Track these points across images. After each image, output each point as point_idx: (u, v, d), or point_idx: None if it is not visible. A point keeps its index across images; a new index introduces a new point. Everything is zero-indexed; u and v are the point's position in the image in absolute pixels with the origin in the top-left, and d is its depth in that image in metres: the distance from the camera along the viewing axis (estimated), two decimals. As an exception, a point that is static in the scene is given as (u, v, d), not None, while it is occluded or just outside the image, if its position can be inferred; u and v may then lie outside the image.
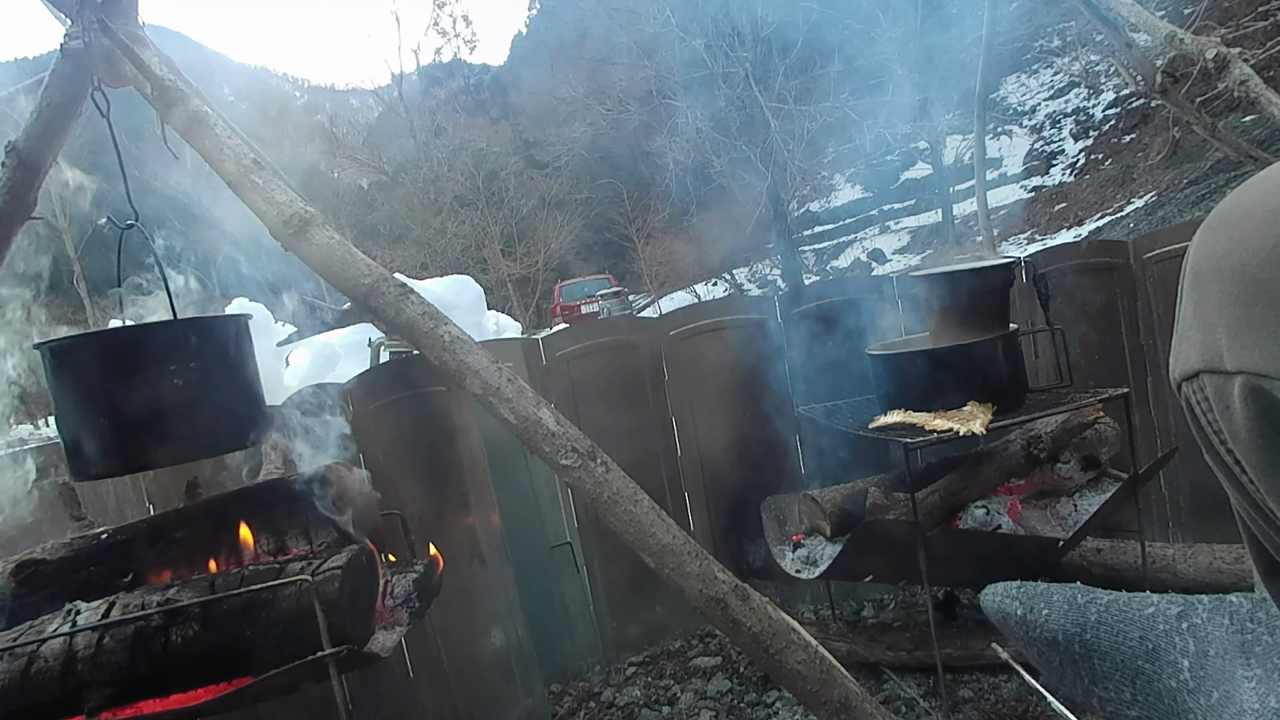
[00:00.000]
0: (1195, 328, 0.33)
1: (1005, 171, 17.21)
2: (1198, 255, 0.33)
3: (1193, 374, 0.33)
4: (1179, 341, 0.34)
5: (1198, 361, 0.32)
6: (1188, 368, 0.33)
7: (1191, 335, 0.33)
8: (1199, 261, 0.33)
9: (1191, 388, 0.33)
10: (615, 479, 1.76)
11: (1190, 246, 0.34)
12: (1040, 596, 0.64)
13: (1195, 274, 0.33)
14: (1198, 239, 0.33)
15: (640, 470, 2.73)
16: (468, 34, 29.53)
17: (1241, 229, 0.31)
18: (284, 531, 1.87)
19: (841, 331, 3.02)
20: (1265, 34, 7.48)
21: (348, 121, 29.20)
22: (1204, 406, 0.33)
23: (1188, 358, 0.33)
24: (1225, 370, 0.31)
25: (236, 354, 1.70)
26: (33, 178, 2.14)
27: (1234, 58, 2.51)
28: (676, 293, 19.96)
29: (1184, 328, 0.34)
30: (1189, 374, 0.33)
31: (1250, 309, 0.29)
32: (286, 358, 4.90)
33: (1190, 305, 0.33)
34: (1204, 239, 0.33)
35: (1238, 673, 0.43)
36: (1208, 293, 0.32)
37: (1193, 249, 0.34)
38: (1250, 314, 0.29)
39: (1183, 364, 0.34)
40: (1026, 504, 2.65)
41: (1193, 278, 0.33)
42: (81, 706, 1.47)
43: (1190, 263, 0.34)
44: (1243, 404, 0.30)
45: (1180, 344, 0.34)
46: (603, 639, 3.09)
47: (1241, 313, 0.30)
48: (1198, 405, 0.33)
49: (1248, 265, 0.30)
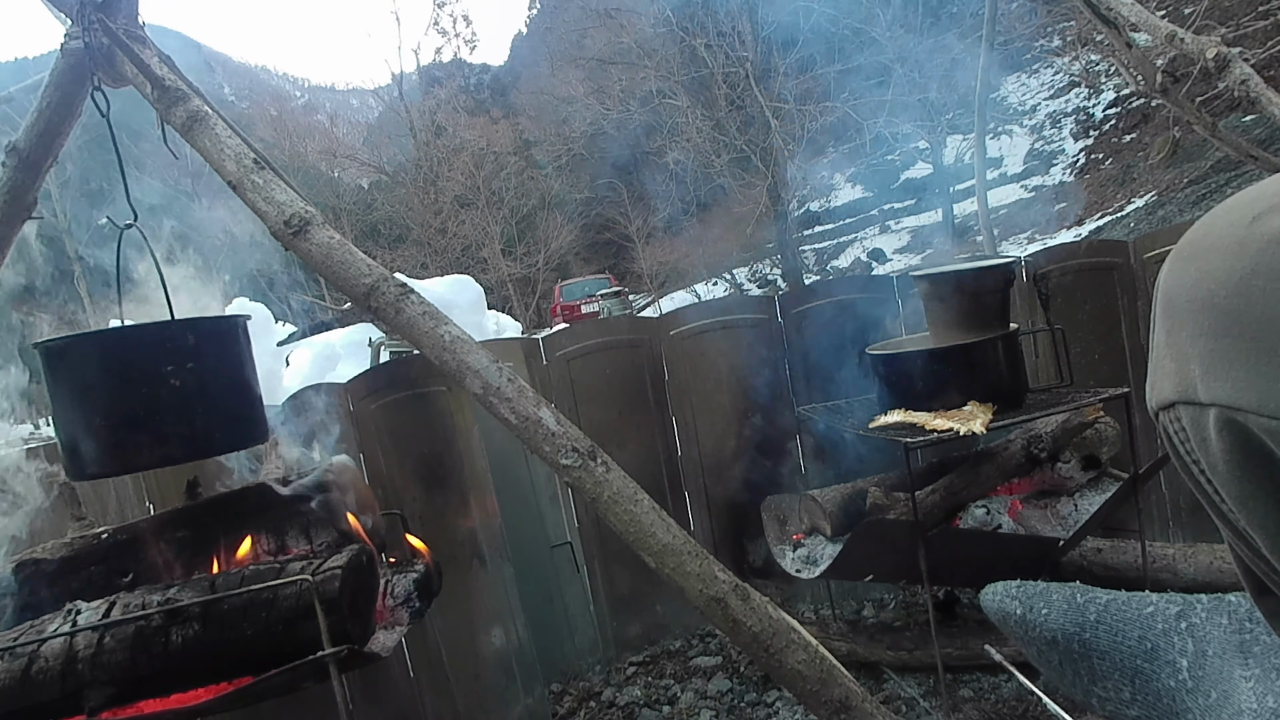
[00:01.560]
0: (1169, 357, 0.33)
1: (1005, 171, 17.21)
2: (1168, 285, 0.33)
3: (1169, 404, 0.33)
4: (1154, 370, 0.34)
5: (1172, 392, 0.32)
6: (1163, 398, 0.33)
7: (1166, 365, 0.33)
8: (1169, 291, 0.33)
9: (1168, 417, 0.33)
10: (615, 479, 1.76)
11: (1160, 275, 0.34)
12: (1040, 596, 0.64)
13: (1166, 303, 0.33)
14: (1167, 268, 0.33)
15: (640, 470, 2.74)
16: (468, 34, 29.58)
17: (1208, 259, 0.30)
18: (284, 531, 1.87)
19: (841, 331, 3.02)
20: (1265, 34, 7.48)
21: (348, 121, 29.23)
22: (1181, 436, 0.33)
23: (1163, 388, 0.33)
24: (1200, 402, 0.30)
25: (235, 354, 1.70)
26: (33, 178, 2.14)
27: (1234, 57, 2.51)
28: (676, 293, 19.96)
29: (1158, 356, 0.34)
30: (1165, 404, 0.33)
31: (1221, 340, 0.29)
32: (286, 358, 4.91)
33: (1163, 334, 0.33)
34: (1173, 268, 0.33)
35: (1236, 672, 0.43)
36: (1179, 323, 0.32)
37: (1162, 278, 0.33)
38: (1221, 346, 0.29)
39: (1158, 394, 0.34)
40: (1027, 504, 2.65)
41: (1164, 307, 0.33)
42: (82, 706, 1.47)
43: (1160, 292, 0.34)
44: (1218, 436, 0.30)
45: (1155, 373, 0.34)
46: (603, 638, 3.09)
47: (1213, 344, 0.30)
48: (1175, 435, 0.33)
49: (1216, 296, 0.29)
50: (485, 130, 23.00)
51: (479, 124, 23.45)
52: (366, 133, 29.21)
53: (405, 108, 24.69)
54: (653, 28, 16.04)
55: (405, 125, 24.67)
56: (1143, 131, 14.45)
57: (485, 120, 23.83)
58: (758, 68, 14.62)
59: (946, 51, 12.56)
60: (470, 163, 21.17)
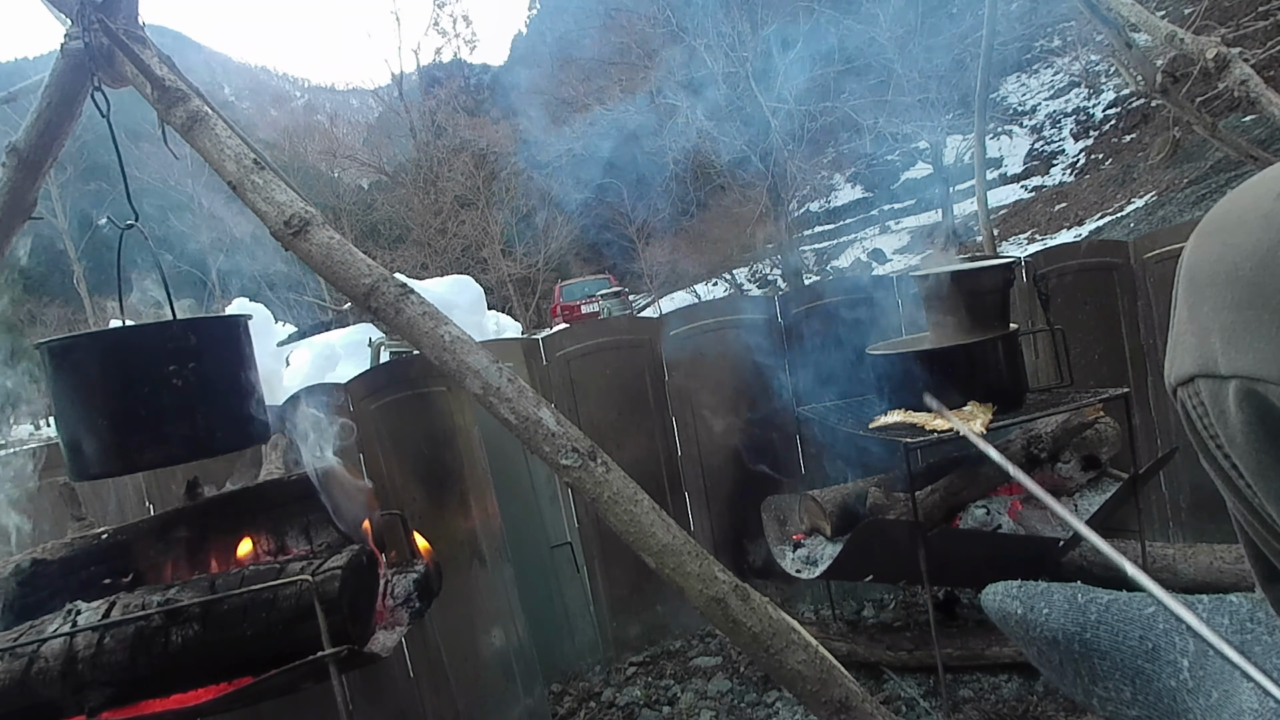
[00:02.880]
0: (1190, 333, 0.32)
1: (1005, 171, 17.22)
2: (1192, 260, 0.33)
3: (1188, 379, 0.33)
4: (1174, 347, 0.34)
5: (1193, 366, 0.32)
6: (1183, 372, 0.33)
7: (1186, 340, 0.33)
8: (1193, 266, 0.33)
9: (1187, 392, 0.33)
10: (615, 479, 1.76)
11: (1184, 251, 0.34)
12: (1040, 596, 0.64)
13: (1190, 279, 0.33)
14: (1191, 244, 0.33)
15: (640, 470, 2.74)
16: (468, 34, 29.65)
17: (1234, 234, 0.30)
18: (284, 531, 1.87)
19: (842, 331, 3.02)
20: (1265, 34, 7.48)
21: (348, 121, 29.22)
22: (1199, 411, 0.32)
23: (1183, 363, 0.33)
24: (1220, 375, 0.30)
25: (236, 354, 1.70)
26: (33, 178, 2.14)
27: (1234, 57, 2.51)
28: (676, 293, 19.94)
29: (1179, 333, 0.34)
30: (1184, 379, 0.33)
31: (1244, 313, 0.29)
32: (286, 358, 4.91)
33: (1185, 310, 0.33)
34: (1198, 244, 0.33)
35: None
36: (1202, 297, 0.32)
37: (1187, 254, 0.33)
38: (1244, 318, 0.29)
39: (1178, 369, 0.34)
40: (1027, 504, 2.65)
41: (1187, 283, 0.33)
42: (82, 706, 1.47)
43: (1184, 268, 0.33)
44: (1238, 408, 0.30)
45: (1175, 349, 0.34)
46: (603, 639, 3.09)
47: (1235, 317, 0.30)
48: (1194, 410, 0.33)
49: (1241, 269, 0.29)
50: (485, 130, 22.99)
51: (479, 124, 23.44)
52: (366, 133, 29.20)
53: (405, 108, 24.68)
54: (653, 28, 16.04)
55: (405, 125, 24.67)
56: (1143, 131, 14.46)
57: (485, 120, 23.82)
58: (758, 68, 14.61)
59: (947, 51, 12.56)
60: (470, 163, 21.16)
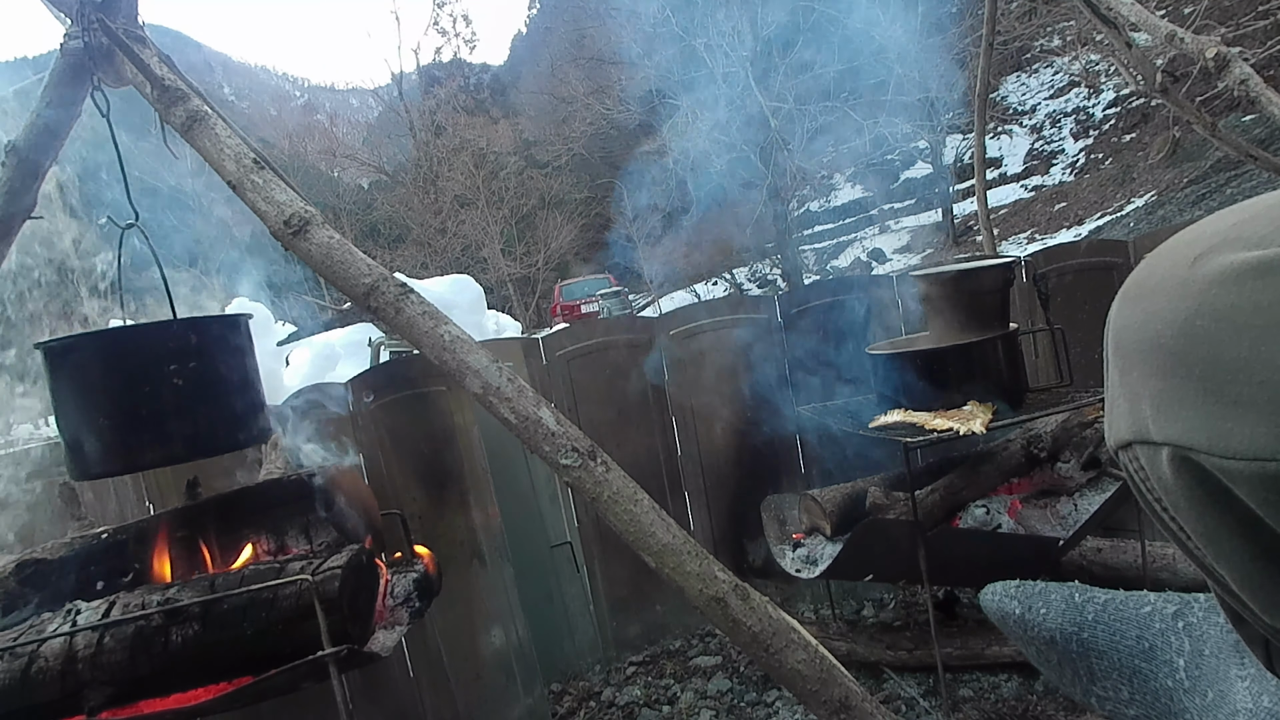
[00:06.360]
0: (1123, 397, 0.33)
1: (1005, 171, 17.21)
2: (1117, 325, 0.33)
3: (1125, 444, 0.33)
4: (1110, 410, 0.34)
5: (1128, 432, 0.32)
6: (1120, 438, 0.33)
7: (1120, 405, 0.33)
8: (1119, 332, 0.33)
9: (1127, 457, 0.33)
10: (615, 478, 1.76)
11: (1110, 314, 0.34)
12: (1039, 595, 0.64)
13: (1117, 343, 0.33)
14: (1115, 308, 0.34)
15: (640, 470, 2.74)
16: (468, 33, 29.58)
17: (1153, 300, 0.31)
18: (284, 531, 1.87)
19: (841, 331, 3.02)
20: (1265, 33, 7.48)
21: (348, 121, 29.24)
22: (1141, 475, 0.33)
23: (1119, 428, 0.33)
24: (1154, 441, 0.31)
25: (237, 354, 1.70)
26: (33, 178, 2.13)
27: (1234, 57, 2.51)
28: (676, 293, 19.93)
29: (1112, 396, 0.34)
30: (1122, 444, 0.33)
31: (1170, 380, 0.29)
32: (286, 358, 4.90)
33: (1116, 374, 0.33)
34: (1121, 309, 0.33)
35: (1232, 671, 0.43)
36: (1130, 363, 0.32)
37: (1112, 317, 0.34)
38: (1170, 386, 0.29)
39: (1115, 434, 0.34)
40: (1026, 503, 2.65)
41: (1115, 346, 0.33)
42: (82, 706, 1.47)
43: (1111, 331, 0.34)
44: (1175, 475, 0.30)
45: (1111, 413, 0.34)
46: (603, 638, 3.09)
47: (1163, 385, 0.30)
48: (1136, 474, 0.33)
49: (1163, 338, 0.30)
50: (485, 130, 23.00)
51: (479, 124, 23.45)
52: (366, 132, 29.22)
53: (405, 107, 24.68)
54: (653, 28, 16.02)
55: (405, 125, 24.67)
56: (1143, 131, 14.45)
57: (485, 120, 23.83)
58: (757, 68, 14.60)
59: (947, 51, 12.55)
60: (470, 163, 21.16)
